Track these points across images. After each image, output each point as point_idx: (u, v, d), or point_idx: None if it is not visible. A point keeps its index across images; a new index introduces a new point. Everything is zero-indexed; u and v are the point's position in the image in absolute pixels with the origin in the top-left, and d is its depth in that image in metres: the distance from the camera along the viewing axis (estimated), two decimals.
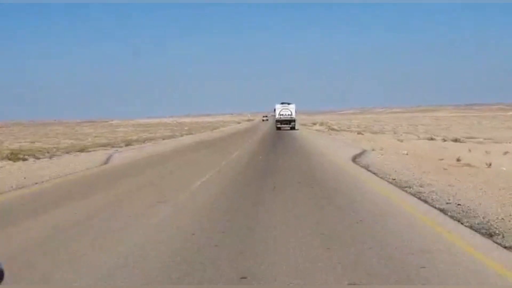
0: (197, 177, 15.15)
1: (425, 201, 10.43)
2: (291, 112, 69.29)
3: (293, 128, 67.54)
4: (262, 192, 12.40)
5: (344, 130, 63.00)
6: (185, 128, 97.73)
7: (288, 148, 28.27)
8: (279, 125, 68.57)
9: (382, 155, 21.19)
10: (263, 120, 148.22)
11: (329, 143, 34.23)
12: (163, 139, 50.87)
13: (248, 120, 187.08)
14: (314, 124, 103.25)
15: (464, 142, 31.74)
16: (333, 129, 69.68)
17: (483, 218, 8.42)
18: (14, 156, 23.36)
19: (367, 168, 16.86)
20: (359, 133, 50.51)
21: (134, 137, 56.23)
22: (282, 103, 70.24)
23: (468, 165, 16.77)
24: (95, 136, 63.82)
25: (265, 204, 10.65)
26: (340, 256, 6.35)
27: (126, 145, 36.34)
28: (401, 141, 32.68)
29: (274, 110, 71.85)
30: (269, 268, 5.90)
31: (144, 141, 44.02)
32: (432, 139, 33.96)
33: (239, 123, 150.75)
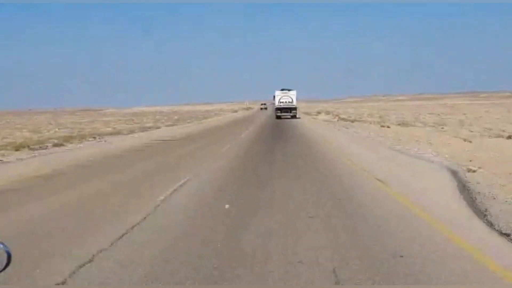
0: None
1: None
2: (292, 99, 63.75)
3: (294, 116, 61.50)
4: None
5: (358, 121, 51.64)
6: (175, 118, 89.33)
7: (297, 160, 16.55)
8: (279, 113, 62.63)
9: None
10: (261, 109, 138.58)
11: (357, 143, 22.71)
12: (133, 131, 39.88)
13: (247, 109, 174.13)
14: (319, 113, 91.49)
15: None
16: (343, 119, 58.30)
17: None
18: None
19: None
20: (382, 125, 39.04)
21: (108, 129, 46.45)
22: (282, 90, 64.59)
23: None
24: (60, 129, 53.60)
25: None
26: None
27: (56, 145, 24.97)
28: (469, 141, 21.17)
29: (274, 97, 65.52)
30: None
31: (91, 137, 32.51)
32: (510, 137, 22.44)
33: (235, 111, 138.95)
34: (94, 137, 31.44)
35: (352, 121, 49.95)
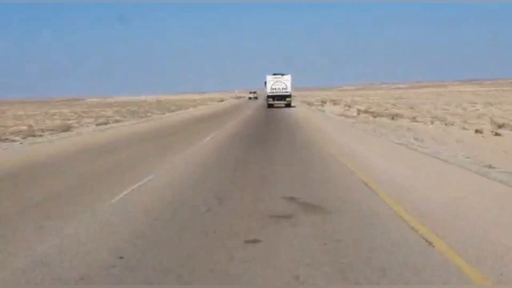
0: None
1: None
2: (286, 85, 57.05)
3: (288, 105, 55.42)
4: None
5: (397, 116, 32.25)
6: (146, 109, 73.02)
7: None
8: (271, 102, 56.09)
9: None
10: (249, 98, 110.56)
11: None
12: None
13: (237, 98, 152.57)
14: (323, 102, 71.94)
15: None
16: (367, 112, 39.13)
17: None
18: None
19: None
20: (477, 130, 19.68)
21: (23, 127, 31.55)
22: (274, 74, 57.77)
23: None
24: None
25: None
26: None
27: None
28: None
29: (265, 83, 57.85)
30: None
31: None
32: None
33: (221, 101, 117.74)
34: None
35: (392, 118, 30.59)
